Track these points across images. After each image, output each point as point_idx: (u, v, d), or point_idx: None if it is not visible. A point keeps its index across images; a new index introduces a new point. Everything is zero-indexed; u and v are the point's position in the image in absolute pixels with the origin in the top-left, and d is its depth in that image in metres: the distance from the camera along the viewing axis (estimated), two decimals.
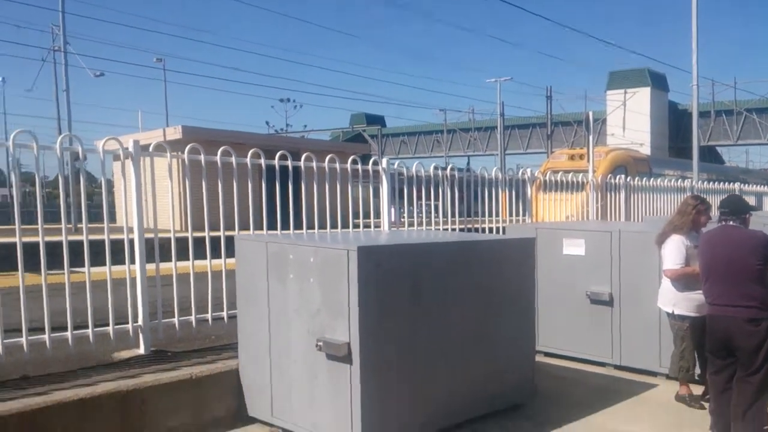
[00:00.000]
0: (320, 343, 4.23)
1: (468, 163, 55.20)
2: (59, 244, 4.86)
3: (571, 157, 21.48)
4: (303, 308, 4.40)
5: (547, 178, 9.91)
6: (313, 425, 4.42)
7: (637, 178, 11.92)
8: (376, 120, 62.07)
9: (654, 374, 6.35)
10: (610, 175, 11.58)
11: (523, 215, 9.24)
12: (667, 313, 5.75)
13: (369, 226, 7.44)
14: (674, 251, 5.59)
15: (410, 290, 4.47)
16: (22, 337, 4.64)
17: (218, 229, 5.66)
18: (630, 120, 49.72)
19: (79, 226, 18.15)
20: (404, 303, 4.43)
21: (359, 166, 6.84)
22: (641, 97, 51.24)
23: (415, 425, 4.49)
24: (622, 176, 11.44)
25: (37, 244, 4.68)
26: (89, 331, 4.97)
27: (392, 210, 8.56)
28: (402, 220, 8.00)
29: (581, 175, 10.64)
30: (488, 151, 60.25)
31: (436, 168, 7.93)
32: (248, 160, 5.85)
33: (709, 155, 51.25)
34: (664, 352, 6.16)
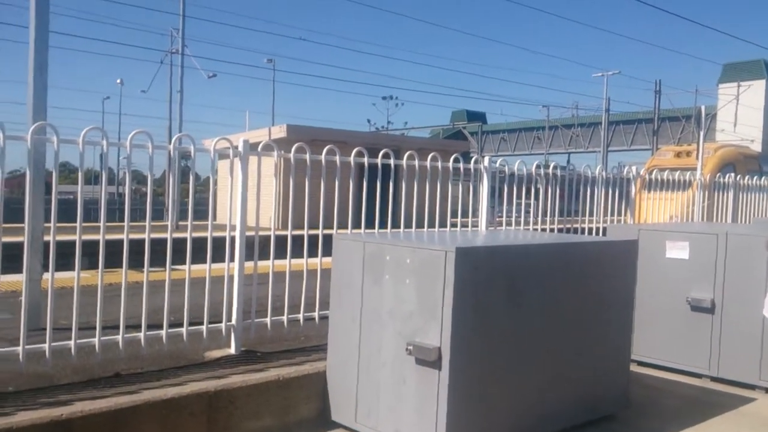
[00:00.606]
0: (410, 347, 4.20)
1: (568, 161, 53.99)
2: (162, 241, 5.02)
3: (678, 155, 20.68)
4: (396, 310, 4.39)
5: (651, 176, 9.58)
6: (396, 430, 4.38)
7: (746, 177, 11.36)
8: (477, 117, 61.70)
9: (753, 387, 6.03)
10: (718, 174, 11.07)
11: (625, 215, 8.98)
12: None
13: (467, 226, 7.39)
14: None
15: (507, 293, 4.39)
16: (118, 334, 4.80)
17: (317, 228, 5.76)
18: (742, 115, 47.29)
19: (182, 223, 19.02)
20: (500, 307, 4.35)
21: (461, 165, 6.84)
22: (755, 91, 48.61)
23: None
24: (731, 175, 10.92)
25: (140, 242, 4.85)
26: (183, 329, 5.12)
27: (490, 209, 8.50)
28: (499, 219, 7.93)
29: (687, 173, 10.22)
30: (590, 148, 58.69)
31: (537, 167, 7.82)
32: (352, 158, 5.94)
33: None
34: (765, 364, 5.85)
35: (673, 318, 6.52)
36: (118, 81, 57.42)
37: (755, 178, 11.54)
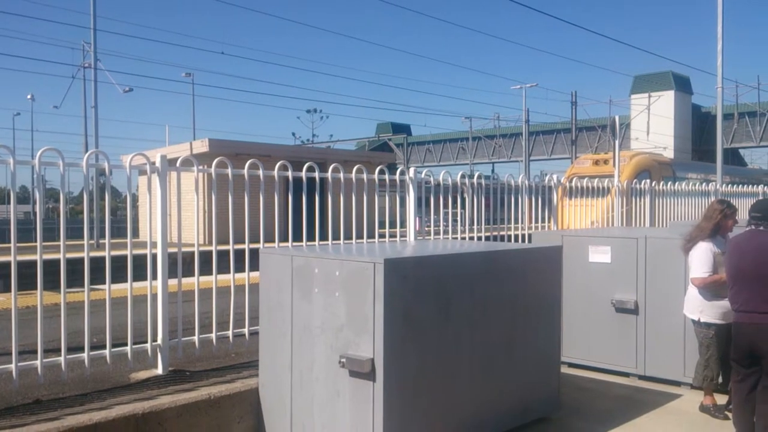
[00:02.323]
0: (343, 360, 4.16)
1: (492, 170, 55.07)
2: (80, 260, 4.84)
3: (596, 162, 21.33)
4: (327, 324, 4.34)
5: (571, 184, 9.84)
6: None
7: (661, 183, 11.80)
8: (402, 129, 62.13)
9: (678, 384, 6.25)
10: (635, 180, 11.47)
11: (548, 222, 9.18)
12: (693, 321, 5.67)
13: (395, 236, 7.41)
14: (702, 258, 5.52)
15: (436, 302, 4.40)
16: (36, 360, 4.60)
17: (243, 243, 5.66)
18: (654, 124, 49.33)
19: (102, 241, 18.43)
20: (431, 316, 4.36)
21: (386, 176, 6.85)
22: (665, 101, 50.83)
23: None
24: (646, 181, 11.33)
25: (56, 262, 4.67)
26: (107, 351, 4.94)
27: (417, 219, 8.55)
28: (426, 229, 7.98)
29: (606, 180, 10.54)
30: (513, 158, 60.00)
31: (463, 176, 7.91)
32: (275, 172, 5.86)
33: (732, 157, 50.70)
34: (688, 361, 6.06)
35: (599, 320, 6.70)
36: (29, 96, 55.22)
37: (669, 183, 12.00)
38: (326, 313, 4.36)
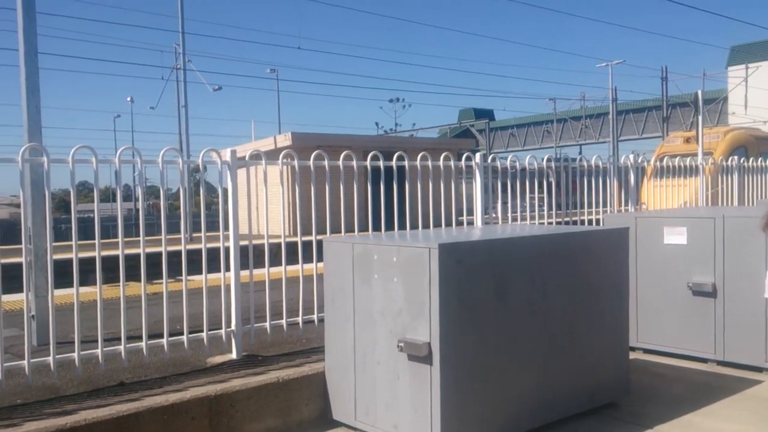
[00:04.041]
0: (401, 344, 4.29)
1: (580, 152, 53.80)
2: (169, 253, 5.15)
3: (687, 140, 20.59)
4: (387, 309, 4.48)
5: (659, 163, 9.57)
6: (394, 426, 4.47)
7: (759, 159, 11.31)
8: (484, 114, 61.63)
9: (759, 370, 6.03)
10: (731, 157, 11.04)
11: (626, 205, 8.99)
12: None
13: (473, 223, 7.46)
14: None
15: (494, 287, 4.46)
16: (120, 345, 4.96)
17: (320, 233, 5.83)
18: (753, 97, 46.81)
19: (195, 235, 19.25)
20: (488, 300, 4.42)
21: (452, 163, 6.91)
22: (765, 71, 48.13)
23: (498, 426, 4.47)
24: (734, 158, 10.89)
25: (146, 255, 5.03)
26: (184, 337, 5.26)
27: (497, 206, 8.57)
28: (505, 216, 7.99)
29: (690, 158, 10.21)
30: (601, 139, 58.35)
31: (533, 159, 7.86)
32: (341, 162, 6.02)
33: None
34: None
35: (675, 304, 6.54)
36: (129, 99, 58.10)
37: (763, 159, 11.49)
38: (385, 298, 4.49)
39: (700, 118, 11.27)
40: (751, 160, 11.15)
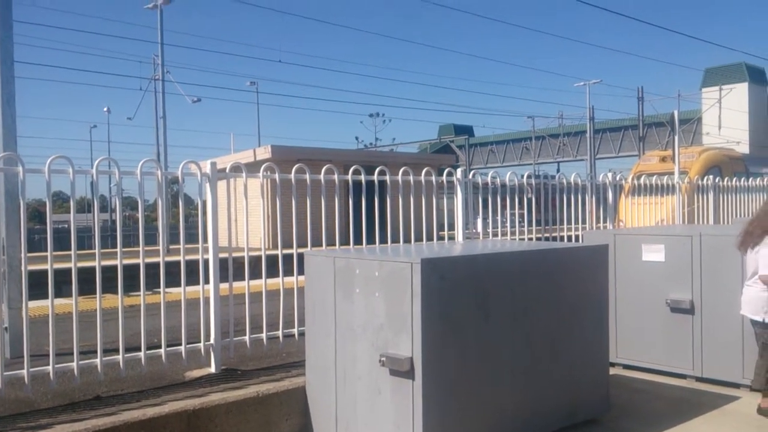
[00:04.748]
0: (383, 359, 4.26)
1: (558, 170, 54.27)
2: (143, 266, 5.10)
3: (663, 159, 20.83)
4: (368, 323, 4.45)
5: (635, 181, 9.66)
6: None
7: (734, 179, 11.48)
8: (464, 130, 61.96)
9: (737, 386, 6.06)
10: (706, 177, 11.19)
11: (604, 222, 9.06)
12: (755, 322, 5.47)
13: (453, 238, 7.47)
14: None
15: (476, 302, 4.45)
16: (96, 358, 4.87)
17: (300, 246, 5.81)
18: (727, 118, 47.67)
19: (172, 247, 19.10)
20: (470, 315, 4.41)
21: (433, 178, 6.92)
22: (738, 94, 49.04)
23: None
24: (709, 177, 11.04)
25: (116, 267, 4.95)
26: (162, 350, 5.18)
27: (478, 221, 8.59)
28: (486, 231, 8.01)
29: (667, 177, 10.32)
30: (579, 156, 58.89)
31: (514, 176, 7.91)
32: (322, 176, 6.00)
33: None
34: (747, 362, 5.87)
35: (654, 320, 6.58)
36: (105, 109, 57.46)
37: (741, 179, 11.66)
38: (367, 312, 4.46)
39: (676, 138, 11.42)
40: (726, 179, 11.31)
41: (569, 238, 8.47)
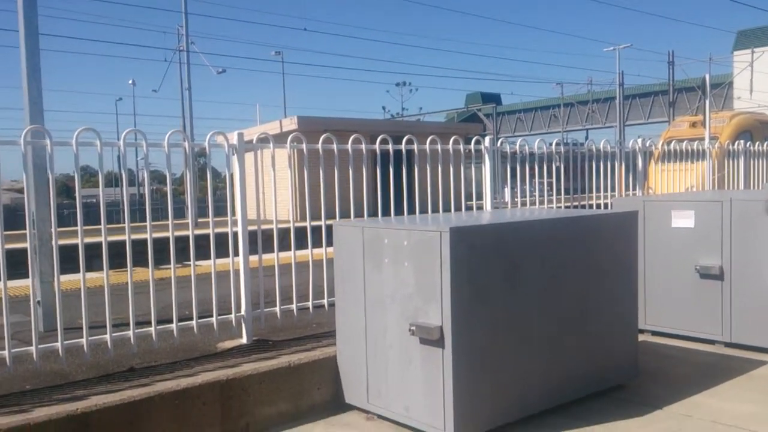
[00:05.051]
0: (413, 327, 4.28)
1: (587, 137, 53.64)
2: (172, 239, 5.13)
3: (693, 125, 20.50)
4: (398, 292, 4.47)
5: (665, 147, 9.52)
6: (406, 408, 4.47)
7: (765, 144, 11.27)
8: (491, 98, 61.45)
9: (766, 351, 6.04)
10: (737, 141, 11.00)
11: (634, 189, 8.96)
12: None
13: (481, 208, 7.45)
14: None
15: (506, 270, 4.45)
16: (129, 330, 4.94)
17: (328, 218, 5.81)
18: (759, 81, 46.59)
19: (200, 220, 19.30)
20: (499, 284, 4.41)
21: (461, 147, 6.87)
22: None
23: (509, 408, 4.47)
24: (740, 142, 10.84)
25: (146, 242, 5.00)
26: (194, 322, 5.24)
27: (506, 190, 8.55)
28: (515, 200, 7.96)
29: (697, 142, 10.15)
30: (608, 123, 58.19)
31: (542, 143, 7.83)
32: (349, 146, 5.99)
33: None
34: None
35: (683, 286, 6.55)
36: (130, 82, 58.02)
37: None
38: (396, 282, 4.48)
39: (707, 102, 11.20)
40: (756, 144, 11.11)
41: (598, 206, 8.39)
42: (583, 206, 8.32)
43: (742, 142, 10.84)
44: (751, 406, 4.86)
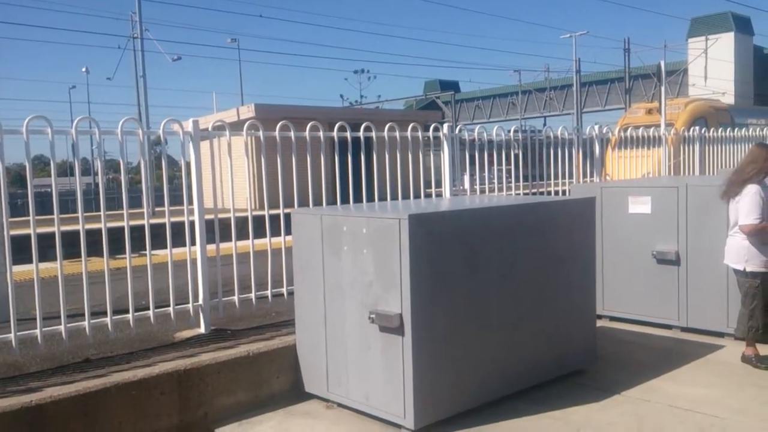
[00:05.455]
0: (373, 315, 4.27)
1: (545, 124, 54.16)
2: (127, 228, 5.05)
3: (649, 111, 20.83)
4: (357, 280, 4.45)
5: (622, 134, 9.62)
6: (366, 396, 4.48)
7: (719, 130, 11.49)
8: (450, 86, 61.51)
9: (721, 335, 6.16)
10: (692, 128, 11.20)
11: (591, 176, 9.06)
12: (737, 271, 5.54)
13: (441, 195, 7.45)
14: (751, 204, 5.33)
15: (465, 257, 4.45)
16: (84, 321, 4.84)
17: (287, 206, 5.75)
18: (712, 68, 47.43)
19: (157, 209, 18.98)
20: (459, 271, 4.41)
21: (419, 134, 6.86)
22: (724, 43, 48.68)
23: (470, 394, 4.50)
24: (695, 129, 11.03)
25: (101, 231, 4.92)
26: (150, 312, 5.16)
27: (465, 177, 8.56)
28: (474, 187, 7.99)
29: (653, 129, 10.30)
30: (565, 110, 58.70)
31: (500, 131, 7.86)
32: (307, 133, 5.93)
33: None
34: (731, 312, 5.95)
35: (640, 272, 6.64)
36: (84, 69, 56.60)
37: (727, 130, 11.68)
38: (355, 270, 4.46)
39: (663, 89, 11.38)
40: (711, 130, 11.32)
41: (556, 193, 8.46)
42: (542, 193, 8.37)
43: (697, 128, 11.04)
44: (708, 390, 4.96)
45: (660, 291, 6.53)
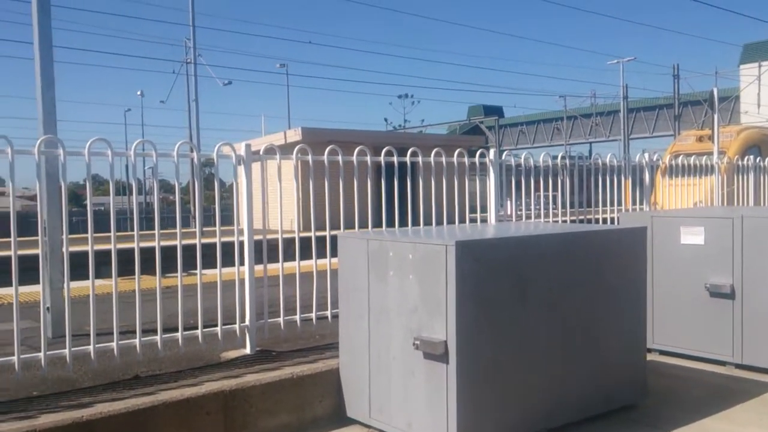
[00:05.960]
0: (417, 342, 4.25)
1: (590, 151, 53.62)
2: (180, 249, 5.15)
3: (699, 139, 20.42)
4: (402, 306, 4.44)
5: (672, 161, 9.46)
6: (408, 425, 4.44)
7: None
8: (494, 111, 61.52)
9: None
10: (745, 156, 10.93)
11: (641, 203, 8.92)
12: None
13: (485, 221, 7.41)
14: None
15: (512, 285, 4.42)
16: (135, 338, 4.95)
17: (333, 229, 5.79)
18: (766, 95, 46.48)
19: (206, 230, 19.30)
20: (505, 299, 4.38)
21: (465, 159, 6.86)
22: None
23: (513, 426, 4.43)
24: (750, 157, 10.78)
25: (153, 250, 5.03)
26: (198, 331, 5.25)
27: (509, 203, 8.51)
28: (519, 213, 7.94)
29: (705, 157, 10.10)
30: (611, 137, 58.11)
31: (547, 156, 7.80)
32: (354, 158, 5.99)
33: None
34: None
35: (692, 305, 6.45)
36: (139, 93, 58.42)
37: None
38: (401, 295, 4.45)
39: (716, 116, 11.15)
40: (765, 159, 11.06)
41: (604, 221, 8.35)
42: (589, 220, 8.27)
43: (751, 157, 10.79)
44: (764, 431, 4.79)
45: (713, 325, 6.34)
